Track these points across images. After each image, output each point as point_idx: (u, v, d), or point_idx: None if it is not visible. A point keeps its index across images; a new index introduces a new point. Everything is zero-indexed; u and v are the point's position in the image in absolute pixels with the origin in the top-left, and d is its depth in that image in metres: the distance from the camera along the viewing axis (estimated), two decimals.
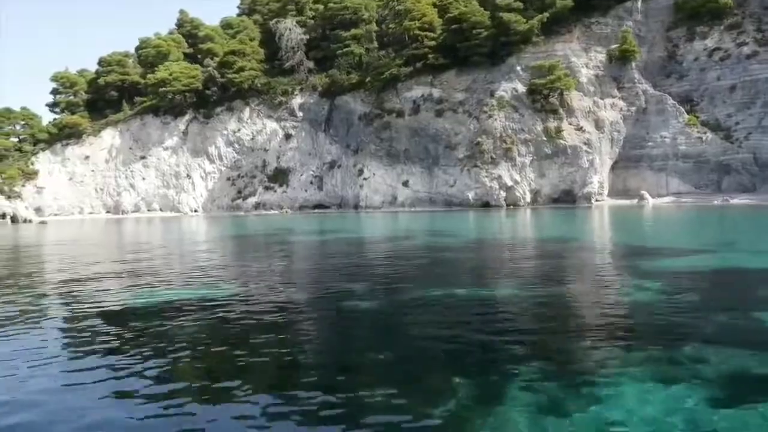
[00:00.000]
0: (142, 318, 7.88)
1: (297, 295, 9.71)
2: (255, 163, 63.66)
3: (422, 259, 14.83)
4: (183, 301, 8.95)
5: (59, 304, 9.16)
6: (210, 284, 10.84)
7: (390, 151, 57.45)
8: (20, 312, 8.46)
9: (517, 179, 51.56)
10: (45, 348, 6.25)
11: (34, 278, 12.73)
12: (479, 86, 55.16)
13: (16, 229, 44.40)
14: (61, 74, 67.75)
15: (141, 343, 6.36)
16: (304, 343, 6.44)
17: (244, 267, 14.56)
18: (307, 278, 12.22)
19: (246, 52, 64.04)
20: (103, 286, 11.07)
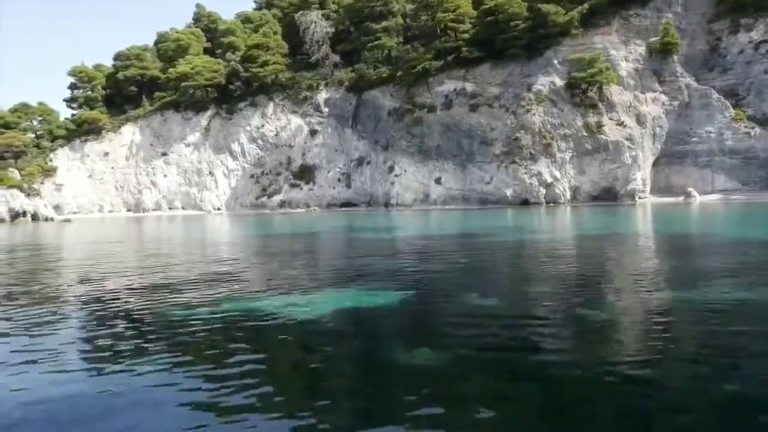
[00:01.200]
0: (206, 331, 6.60)
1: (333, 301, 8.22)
2: (279, 159, 61.93)
3: (484, 262, 13.13)
4: (236, 312, 7.47)
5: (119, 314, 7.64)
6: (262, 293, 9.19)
7: (421, 147, 55.73)
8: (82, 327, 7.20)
9: (557, 176, 49.89)
10: (100, 357, 5.72)
11: (78, 285, 11.02)
12: (515, 80, 53.44)
13: (39, 227, 42.62)
14: (79, 68, 65.91)
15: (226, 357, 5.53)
16: (332, 351, 5.89)
17: (294, 271, 12.80)
18: (345, 279, 10.65)
19: (270, 46, 62.30)
20: (166, 293, 9.36)
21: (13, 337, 6.57)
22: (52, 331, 6.81)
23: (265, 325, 6.82)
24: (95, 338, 6.54)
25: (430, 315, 7.50)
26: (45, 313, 7.79)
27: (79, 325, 7.31)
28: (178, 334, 6.41)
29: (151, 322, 7.13)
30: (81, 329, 7.08)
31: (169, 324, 6.91)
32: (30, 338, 6.42)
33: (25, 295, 9.62)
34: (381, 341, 6.18)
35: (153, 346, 5.90)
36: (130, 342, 6.21)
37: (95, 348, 6.11)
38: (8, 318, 7.57)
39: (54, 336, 6.51)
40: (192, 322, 6.84)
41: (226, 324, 6.83)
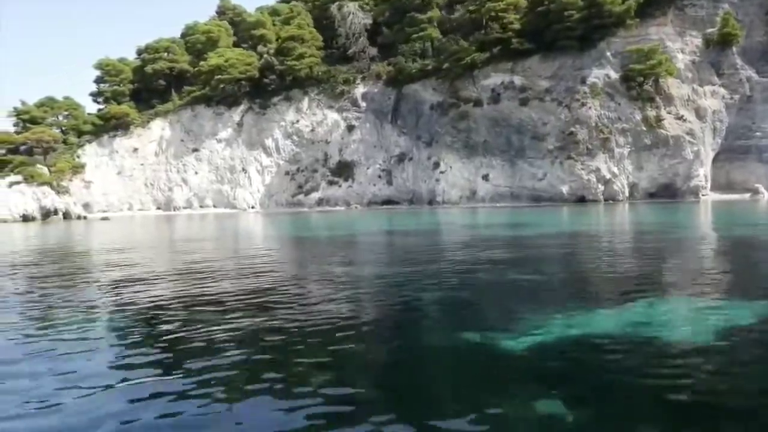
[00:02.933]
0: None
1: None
2: (315, 156, 59.76)
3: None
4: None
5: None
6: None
7: (467, 142, 53.68)
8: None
9: (615, 172, 47.95)
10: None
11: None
12: (566, 73, 51.46)
13: (80, 226, 40.31)
14: (105, 62, 63.51)
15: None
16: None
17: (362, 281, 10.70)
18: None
19: (305, 38, 60.13)
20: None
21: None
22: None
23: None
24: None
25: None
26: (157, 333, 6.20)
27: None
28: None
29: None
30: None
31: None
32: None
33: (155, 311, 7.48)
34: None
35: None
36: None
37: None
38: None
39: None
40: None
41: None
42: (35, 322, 6.94)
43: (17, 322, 6.96)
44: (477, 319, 6.58)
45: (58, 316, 7.14)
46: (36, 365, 5.09)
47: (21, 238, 27.25)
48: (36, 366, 5.06)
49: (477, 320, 6.48)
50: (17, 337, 6.16)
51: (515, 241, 17.11)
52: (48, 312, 7.54)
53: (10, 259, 15.60)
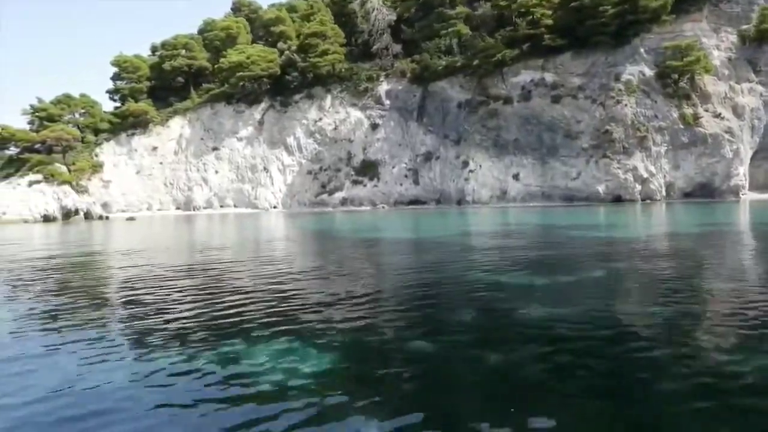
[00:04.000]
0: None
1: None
2: (338, 155, 58.54)
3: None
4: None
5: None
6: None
7: (497, 141, 52.56)
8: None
9: (652, 171, 46.86)
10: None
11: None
12: (599, 70, 50.38)
13: (107, 227, 38.97)
14: (122, 58, 62.10)
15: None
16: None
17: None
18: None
19: (327, 35, 58.89)
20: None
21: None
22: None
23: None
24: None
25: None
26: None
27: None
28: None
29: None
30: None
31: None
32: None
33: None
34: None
35: None
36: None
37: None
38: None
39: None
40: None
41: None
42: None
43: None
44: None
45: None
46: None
47: (60, 239, 25.93)
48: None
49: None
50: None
51: (602, 247, 15.88)
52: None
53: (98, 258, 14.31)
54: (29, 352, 5.54)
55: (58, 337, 6.11)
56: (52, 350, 5.57)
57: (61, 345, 5.74)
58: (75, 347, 5.63)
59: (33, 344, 5.86)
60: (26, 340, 6.05)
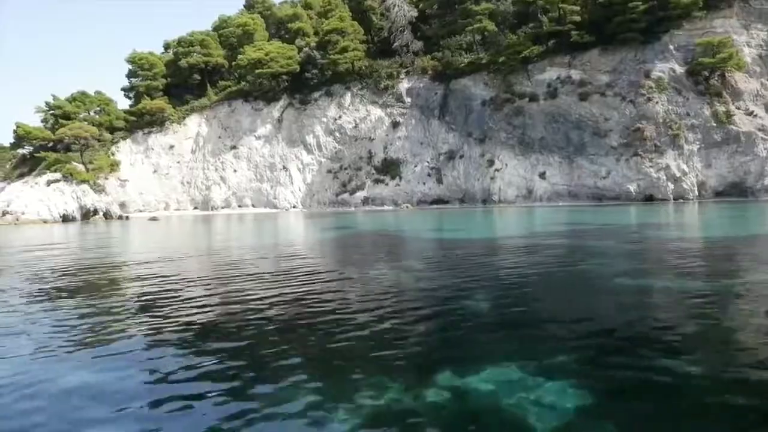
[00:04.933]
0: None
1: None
2: (359, 153, 57.57)
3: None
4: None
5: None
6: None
7: (523, 139, 51.69)
8: None
9: (684, 170, 46.01)
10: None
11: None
12: (628, 66, 49.52)
13: (132, 227, 37.95)
14: (138, 55, 60.97)
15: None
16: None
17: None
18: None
19: (347, 31, 57.89)
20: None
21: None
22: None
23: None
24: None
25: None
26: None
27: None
28: None
29: None
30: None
31: None
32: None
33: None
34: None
35: None
36: None
37: None
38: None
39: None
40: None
41: None
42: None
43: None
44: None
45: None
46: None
47: (96, 242, 24.90)
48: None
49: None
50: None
51: (708, 249, 14.97)
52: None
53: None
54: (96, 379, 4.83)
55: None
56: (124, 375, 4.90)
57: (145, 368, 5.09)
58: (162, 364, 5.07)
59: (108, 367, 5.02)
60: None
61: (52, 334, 6.33)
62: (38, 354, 5.50)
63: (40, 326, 6.73)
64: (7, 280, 11.05)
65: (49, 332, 6.41)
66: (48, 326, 6.72)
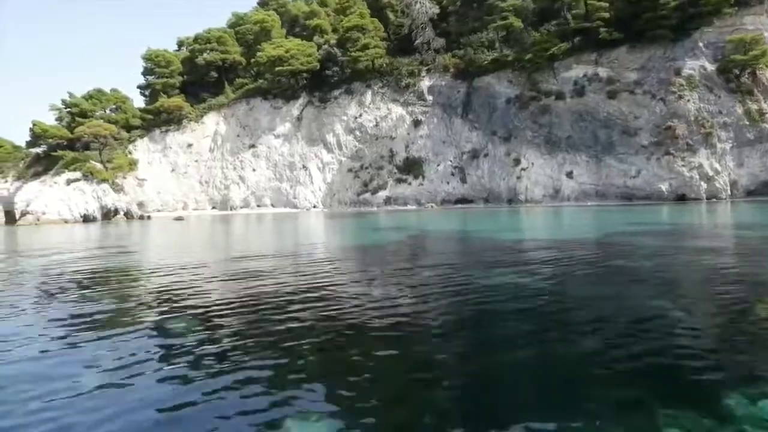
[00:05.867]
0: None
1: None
2: (380, 152, 56.71)
3: None
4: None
5: None
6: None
7: (549, 137, 50.94)
8: None
9: (717, 168, 45.33)
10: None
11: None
12: (656, 64, 48.79)
13: (161, 227, 36.98)
14: (155, 52, 59.92)
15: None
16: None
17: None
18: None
19: (368, 28, 57.02)
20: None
21: None
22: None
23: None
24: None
25: None
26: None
27: None
28: None
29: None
30: None
31: None
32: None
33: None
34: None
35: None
36: None
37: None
38: None
39: None
40: None
41: None
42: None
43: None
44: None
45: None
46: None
47: (142, 244, 23.95)
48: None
49: None
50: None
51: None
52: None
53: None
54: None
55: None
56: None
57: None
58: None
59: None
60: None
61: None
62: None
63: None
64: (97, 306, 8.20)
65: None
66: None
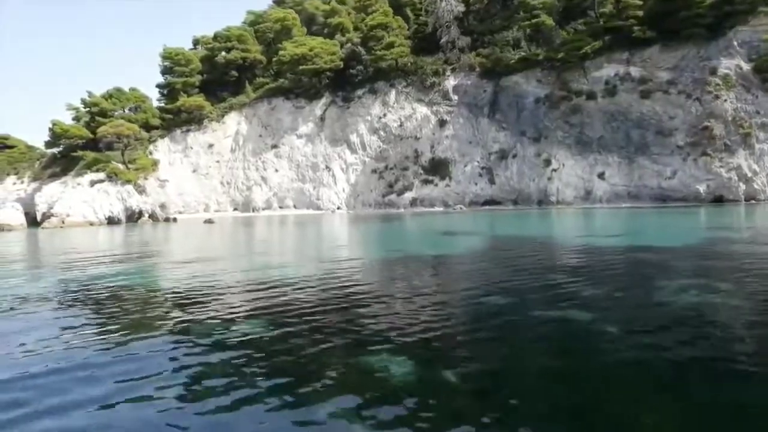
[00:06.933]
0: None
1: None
2: (405, 153, 55.75)
3: None
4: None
5: None
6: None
7: (580, 138, 50.11)
8: None
9: (756, 169, 44.56)
10: None
11: None
12: (690, 63, 48.02)
13: (192, 230, 35.90)
14: (174, 51, 58.75)
15: None
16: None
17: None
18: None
19: (392, 26, 56.06)
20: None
21: None
22: None
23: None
24: None
25: None
26: None
27: None
28: None
29: None
30: None
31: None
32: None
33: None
34: None
35: None
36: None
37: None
38: None
39: None
40: None
41: None
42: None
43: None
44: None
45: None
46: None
47: (198, 252, 22.86)
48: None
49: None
50: None
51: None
52: None
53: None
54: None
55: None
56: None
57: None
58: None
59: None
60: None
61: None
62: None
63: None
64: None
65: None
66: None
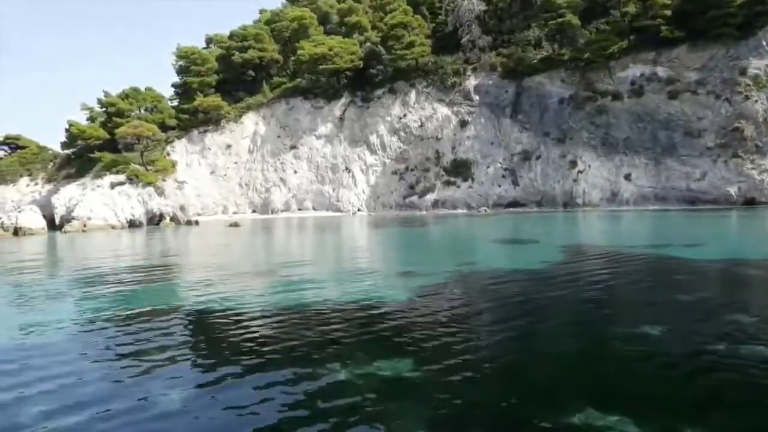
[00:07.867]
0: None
1: None
2: (425, 154, 54.94)
3: None
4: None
5: None
6: None
7: (606, 139, 49.38)
8: None
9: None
10: None
11: None
12: (719, 63, 47.27)
13: (221, 235, 35.03)
14: (190, 50, 57.75)
15: None
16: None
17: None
18: None
19: (413, 25, 55.21)
20: None
21: None
22: None
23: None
24: None
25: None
26: None
27: None
28: None
29: None
30: None
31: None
32: None
33: None
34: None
35: None
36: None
37: None
38: None
39: None
40: None
41: None
42: None
43: None
44: None
45: None
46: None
47: (268, 265, 21.99)
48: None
49: None
50: None
51: None
52: None
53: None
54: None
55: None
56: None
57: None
58: None
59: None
60: None
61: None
62: None
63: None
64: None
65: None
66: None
